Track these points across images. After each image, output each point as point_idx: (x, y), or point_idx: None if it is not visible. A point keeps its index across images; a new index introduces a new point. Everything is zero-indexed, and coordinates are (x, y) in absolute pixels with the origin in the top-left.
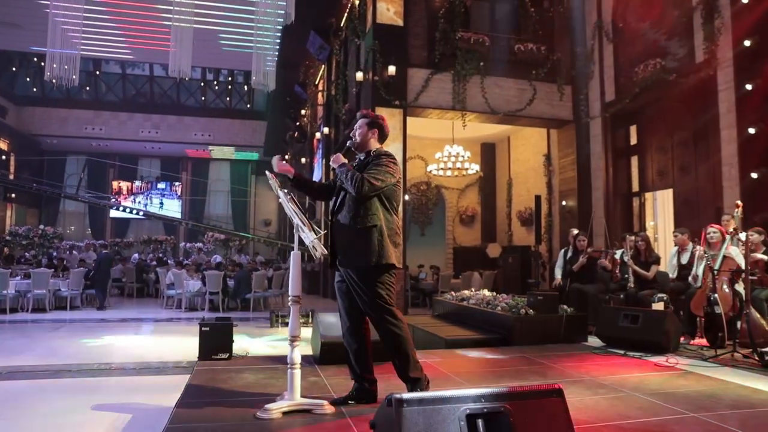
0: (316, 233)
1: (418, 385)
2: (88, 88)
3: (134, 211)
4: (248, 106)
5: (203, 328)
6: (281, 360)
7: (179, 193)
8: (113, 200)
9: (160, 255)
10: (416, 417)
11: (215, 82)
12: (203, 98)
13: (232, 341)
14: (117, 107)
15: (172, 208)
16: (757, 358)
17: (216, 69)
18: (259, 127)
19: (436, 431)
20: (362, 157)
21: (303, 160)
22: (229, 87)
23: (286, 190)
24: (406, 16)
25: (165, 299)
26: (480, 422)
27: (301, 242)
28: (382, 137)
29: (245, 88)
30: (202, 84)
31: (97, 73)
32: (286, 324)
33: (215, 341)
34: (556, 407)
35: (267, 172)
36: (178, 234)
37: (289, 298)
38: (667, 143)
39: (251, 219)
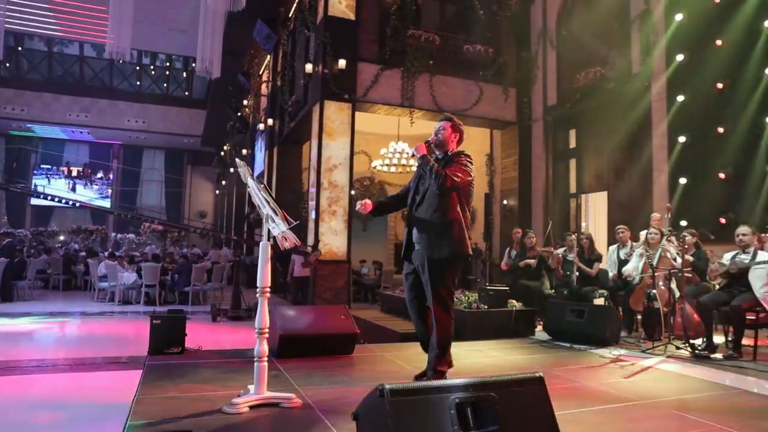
0: (289, 224)
1: (433, 372)
2: (8, 65)
3: (63, 200)
4: (186, 93)
5: (155, 321)
6: (237, 354)
7: (109, 181)
8: (34, 188)
9: (90, 245)
10: (407, 407)
11: (152, 67)
12: (138, 83)
13: (185, 334)
14: (41, 87)
15: (102, 202)
16: (689, 349)
17: (153, 53)
18: (198, 116)
19: (427, 420)
20: (440, 156)
21: (244, 151)
22: (167, 72)
23: (257, 178)
24: (358, 11)
25: (96, 292)
26: (469, 410)
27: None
28: (461, 141)
29: (183, 74)
30: (138, 68)
31: (19, 49)
32: (230, 318)
33: (167, 334)
34: (538, 394)
35: (237, 159)
36: (108, 224)
37: (258, 290)
38: (603, 148)
39: (186, 210)
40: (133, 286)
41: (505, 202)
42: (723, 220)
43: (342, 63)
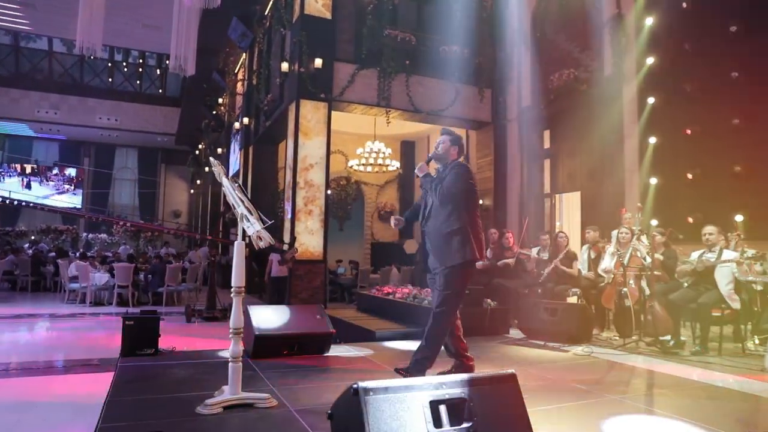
0: (264, 223)
1: (416, 371)
2: None
3: (31, 204)
4: (160, 90)
5: (127, 322)
6: (210, 355)
7: (80, 181)
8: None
9: (60, 245)
10: (382, 405)
11: (124, 64)
12: (110, 80)
13: (159, 335)
14: (8, 83)
15: (71, 199)
16: (658, 346)
17: (126, 49)
18: (172, 114)
19: (401, 418)
20: (441, 168)
21: (219, 150)
22: (140, 69)
23: (231, 178)
24: (335, 10)
25: (67, 293)
26: (442, 408)
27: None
28: (461, 153)
29: (157, 71)
30: (110, 64)
31: None
32: (205, 319)
33: (140, 336)
34: (510, 392)
35: (211, 159)
36: (79, 223)
37: (232, 290)
38: (576, 149)
39: (160, 210)
40: (105, 287)
41: (480, 202)
42: (691, 220)
43: (318, 62)
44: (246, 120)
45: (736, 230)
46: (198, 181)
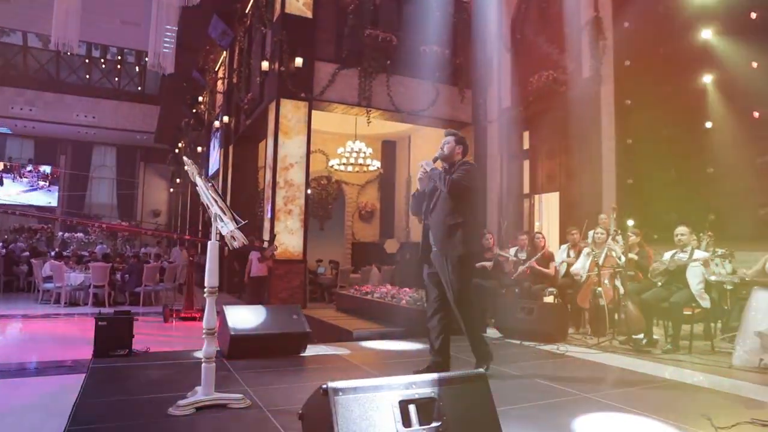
0: (237, 222)
1: (484, 362)
2: None
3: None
4: (139, 88)
5: (100, 323)
6: (186, 356)
7: (56, 177)
8: None
9: (34, 244)
10: (351, 405)
11: (102, 60)
12: (87, 76)
13: (132, 336)
14: None
15: (46, 197)
16: (632, 344)
17: (104, 45)
18: (151, 112)
19: (371, 418)
20: (447, 167)
21: (199, 148)
22: (119, 66)
23: (204, 177)
24: (315, 9)
25: (41, 293)
26: (412, 408)
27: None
28: (465, 152)
29: (136, 69)
30: (87, 61)
31: None
32: (182, 319)
33: (113, 337)
34: (480, 392)
35: (185, 158)
36: (54, 222)
37: (205, 290)
38: (555, 150)
39: (139, 209)
40: (80, 287)
41: None
42: (665, 220)
43: (299, 61)
44: (226, 119)
45: (708, 231)
46: (178, 180)
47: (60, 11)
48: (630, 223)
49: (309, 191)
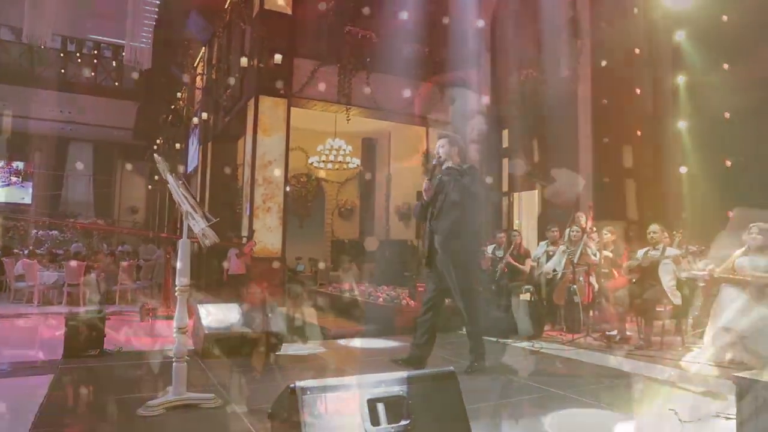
0: (208, 220)
1: (480, 360)
2: None
3: None
4: (116, 83)
5: (70, 323)
6: (158, 355)
7: (31, 173)
8: None
9: (6, 243)
10: (319, 404)
11: (78, 55)
12: (63, 71)
13: (104, 335)
14: None
15: (19, 193)
16: (605, 340)
17: (80, 39)
18: (129, 107)
19: (339, 417)
20: (452, 165)
21: (178, 145)
22: (95, 61)
23: (175, 174)
24: (295, 5)
25: (12, 293)
26: (380, 406)
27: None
28: (461, 151)
29: (113, 63)
30: (62, 55)
31: None
32: (159, 317)
33: (84, 336)
34: (450, 390)
35: (155, 155)
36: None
37: (176, 288)
38: (534, 148)
39: (116, 207)
40: (54, 286)
41: None
42: (639, 218)
43: (278, 58)
44: (205, 115)
45: (680, 229)
46: (156, 177)
47: (31, 3)
48: (605, 221)
49: (288, 188)
